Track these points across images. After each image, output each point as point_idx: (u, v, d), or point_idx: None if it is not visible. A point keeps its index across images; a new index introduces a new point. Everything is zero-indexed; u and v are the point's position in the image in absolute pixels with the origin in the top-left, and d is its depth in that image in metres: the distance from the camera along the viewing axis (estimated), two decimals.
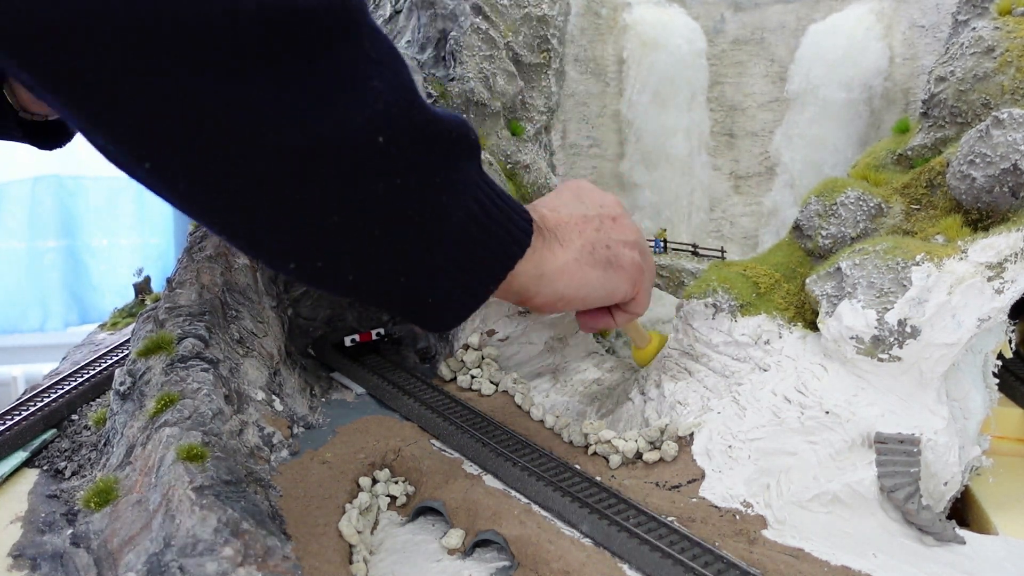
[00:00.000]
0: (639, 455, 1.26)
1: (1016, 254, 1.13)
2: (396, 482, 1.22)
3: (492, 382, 1.52)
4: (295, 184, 0.67)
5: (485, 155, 1.71)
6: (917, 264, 1.17)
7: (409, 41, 1.89)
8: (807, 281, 1.30)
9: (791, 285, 1.39)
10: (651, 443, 1.27)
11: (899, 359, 1.15)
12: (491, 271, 0.87)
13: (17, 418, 1.39)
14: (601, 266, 1.02)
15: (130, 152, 0.63)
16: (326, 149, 0.65)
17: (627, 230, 1.07)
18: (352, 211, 0.71)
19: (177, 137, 0.61)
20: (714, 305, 1.37)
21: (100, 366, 1.63)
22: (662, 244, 1.78)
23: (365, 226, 0.73)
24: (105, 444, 1.19)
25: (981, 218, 1.27)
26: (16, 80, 0.65)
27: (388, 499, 1.19)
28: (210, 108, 0.60)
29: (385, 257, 0.77)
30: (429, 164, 0.75)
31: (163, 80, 0.58)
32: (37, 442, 1.36)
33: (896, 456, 1.11)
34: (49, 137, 1.19)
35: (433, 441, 1.31)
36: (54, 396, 1.49)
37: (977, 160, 1.23)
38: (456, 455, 1.27)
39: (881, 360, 1.17)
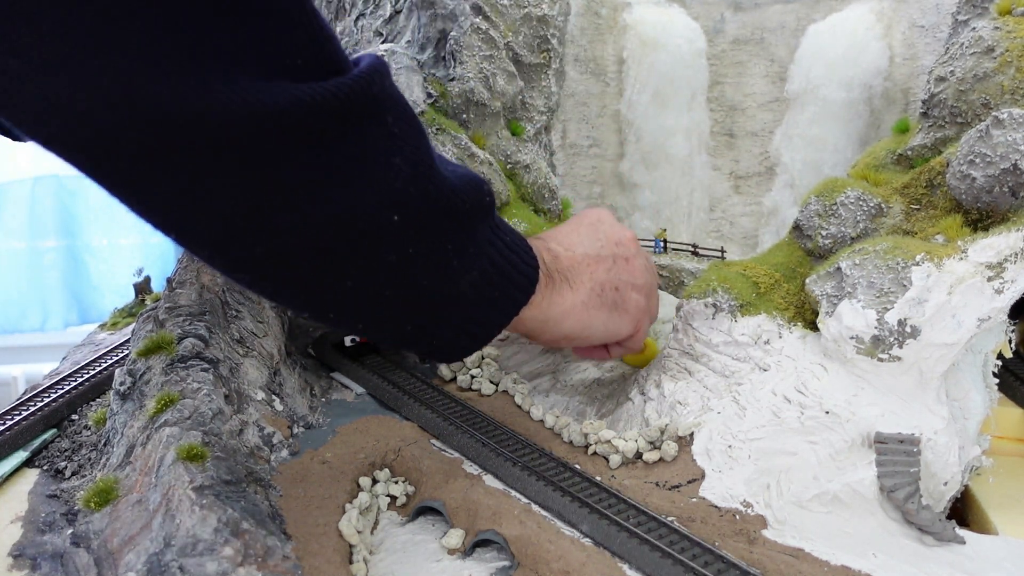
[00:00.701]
0: (639, 455, 1.26)
1: (1016, 254, 1.13)
2: (396, 482, 1.22)
3: (492, 382, 1.52)
4: (310, 255, 0.71)
5: (485, 155, 1.71)
6: (917, 264, 1.17)
7: (409, 41, 1.89)
8: (807, 281, 1.30)
9: (791, 285, 1.39)
10: (651, 443, 1.27)
11: (899, 359, 1.15)
12: (496, 319, 0.91)
13: (17, 418, 1.39)
14: (607, 308, 1.04)
15: (173, 229, 0.69)
16: (342, 225, 0.69)
17: (637, 272, 1.09)
18: (364, 278, 0.76)
19: (213, 214, 0.66)
20: (714, 305, 1.37)
21: (100, 366, 1.63)
22: (662, 244, 1.78)
23: (377, 290, 0.78)
24: (105, 444, 1.19)
25: (981, 218, 1.27)
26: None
27: (388, 499, 1.19)
28: (240, 192, 0.65)
29: (394, 313, 0.82)
30: (441, 234, 0.78)
31: (200, 173, 0.63)
32: (37, 442, 1.36)
33: (896, 456, 1.11)
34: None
35: (433, 441, 1.31)
36: (54, 396, 1.49)
37: (977, 160, 1.23)
38: (456, 455, 1.27)
39: (881, 360, 1.17)
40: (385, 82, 0.72)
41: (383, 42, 1.93)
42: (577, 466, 1.22)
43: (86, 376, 1.58)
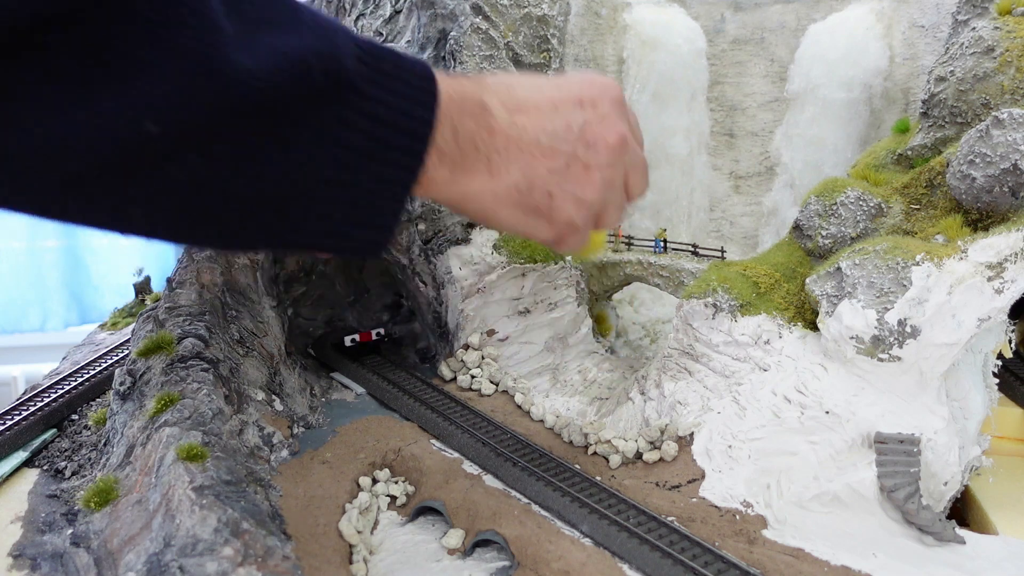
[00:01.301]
0: (639, 455, 1.27)
1: (1016, 254, 1.13)
2: (396, 482, 1.22)
3: (492, 382, 1.52)
4: (76, 182, 0.59)
5: None
6: (917, 264, 1.17)
7: (409, 41, 1.89)
8: (807, 281, 1.30)
9: (791, 285, 1.39)
10: (651, 443, 1.27)
11: (899, 359, 1.15)
12: (379, 206, 0.72)
13: (17, 418, 1.39)
14: (525, 211, 0.84)
15: None
16: (88, 148, 0.56)
17: (591, 187, 0.86)
18: (153, 198, 0.62)
19: None
20: (714, 305, 1.37)
21: (100, 366, 1.64)
22: (662, 244, 1.78)
23: (182, 205, 0.64)
24: (105, 444, 1.19)
25: (981, 218, 1.27)
26: None
27: (388, 499, 1.19)
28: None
29: (229, 225, 0.68)
30: (242, 136, 0.62)
31: None
32: (37, 442, 1.36)
33: (896, 456, 1.11)
34: None
35: (433, 441, 1.31)
36: (54, 396, 1.49)
37: (977, 160, 1.23)
38: (456, 455, 1.27)
39: (881, 360, 1.17)
40: None
41: (383, 42, 1.93)
42: (577, 466, 1.22)
43: (86, 376, 1.58)
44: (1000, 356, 1.24)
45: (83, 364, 1.65)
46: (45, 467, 1.29)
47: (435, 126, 0.74)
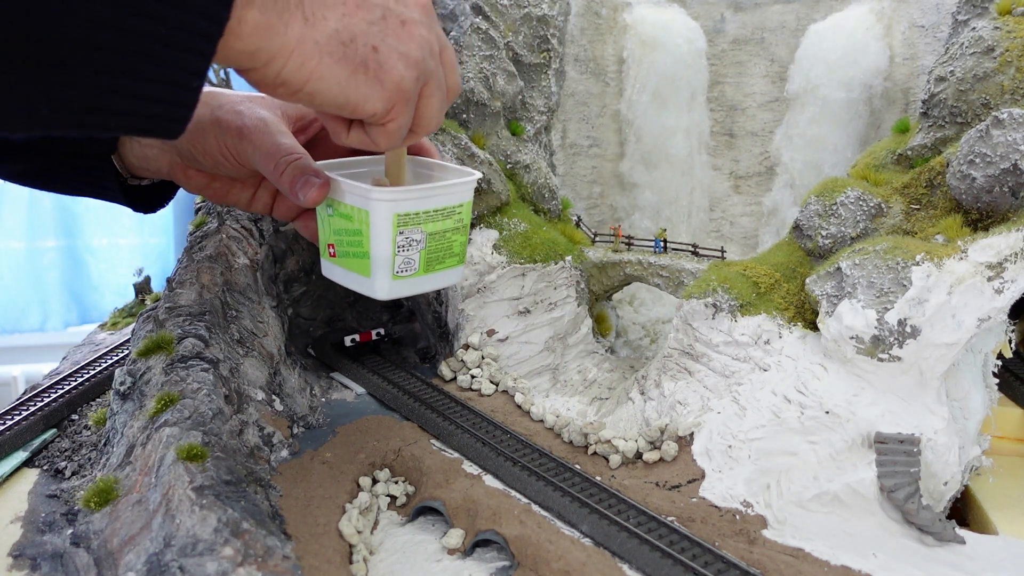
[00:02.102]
0: (639, 455, 1.27)
1: (1016, 254, 1.14)
2: (396, 482, 1.22)
3: (492, 382, 1.52)
4: None
5: (485, 155, 1.71)
6: (917, 264, 1.17)
7: None
8: (807, 281, 1.30)
9: (791, 285, 1.39)
10: (651, 443, 1.27)
11: (899, 359, 1.15)
12: (179, 62, 0.61)
13: (17, 418, 1.39)
14: (351, 65, 0.76)
15: None
16: None
17: (414, 42, 0.79)
18: None
19: None
20: (714, 305, 1.37)
21: (100, 366, 1.64)
22: (662, 244, 1.78)
23: None
24: (105, 444, 1.19)
25: (981, 218, 1.27)
26: None
27: (388, 499, 1.19)
28: None
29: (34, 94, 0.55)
30: None
31: None
32: (37, 442, 1.36)
33: (896, 456, 1.11)
34: (149, 201, 1.17)
35: (433, 441, 1.31)
36: (54, 396, 1.49)
37: (977, 160, 1.23)
38: (456, 455, 1.27)
39: (881, 360, 1.17)
40: None
41: None
42: (577, 466, 1.22)
43: (86, 376, 1.58)
44: (1000, 356, 1.25)
45: (83, 364, 1.65)
46: (45, 467, 1.29)
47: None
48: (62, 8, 0.54)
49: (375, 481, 1.21)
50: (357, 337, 1.68)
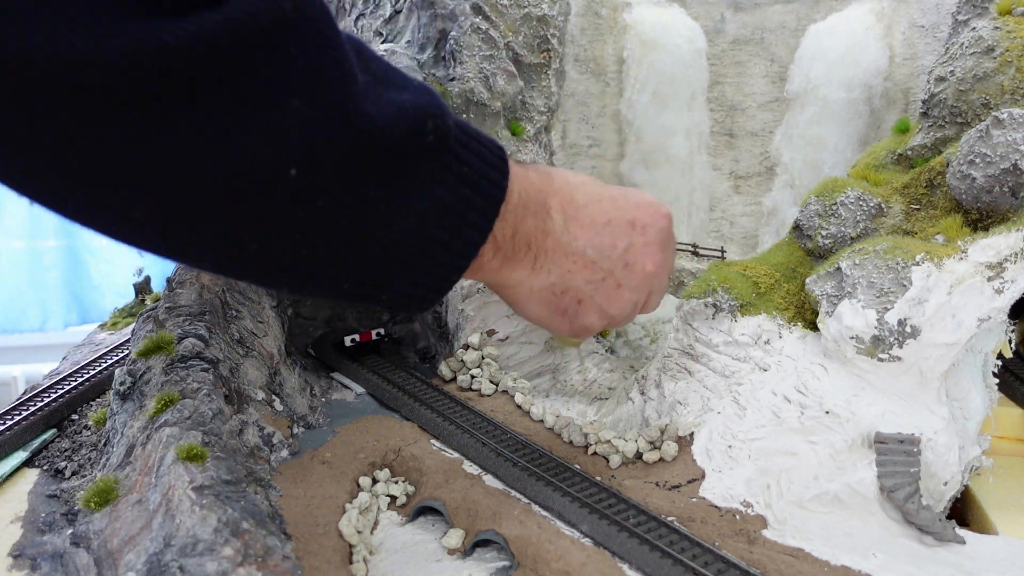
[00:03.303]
0: (639, 455, 1.27)
1: (1016, 254, 1.13)
2: (396, 482, 1.22)
3: (492, 382, 1.52)
4: (197, 218, 0.61)
5: None
6: (917, 264, 1.17)
7: (409, 41, 1.89)
8: (807, 281, 1.30)
9: (791, 285, 1.39)
10: (651, 443, 1.27)
11: (899, 359, 1.15)
12: (445, 268, 0.77)
13: (17, 418, 1.39)
14: (552, 309, 0.90)
15: (47, 192, 0.61)
16: (227, 184, 0.59)
17: (619, 303, 0.92)
18: (270, 239, 0.65)
19: (92, 175, 0.57)
20: (714, 305, 1.37)
21: (100, 366, 1.64)
22: None
23: (291, 249, 0.66)
24: (105, 444, 1.19)
25: (981, 218, 1.27)
26: None
27: (388, 499, 1.19)
28: (103, 150, 0.55)
29: (320, 270, 0.71)
30: (359, 183, 0.65)
31: (64, 124, 0.54)
32: (37, 442, 1.36)
33: (896, 456, 1.11)
34: None
35: (433, 441, 1.31)
36: (54, 396, 1.49)
37: (977, 160, 1.23)
38: (456, 455, 1.27)
39: (881, 360, 1.17)
40: (282, 5, 0.58)
41: (383, 42, 1.93)
42: (577, 466, 1.22)
43: (86, 376, 1.58)
44: (1000, 356, 1.24)
45: (83, 364, 1.65)
46: (45, 467, 1.29)
47: (506, 194, 0.78)
48: (389, 220, 0.71)
49: (375, 481, 1.21)
50: (357, 337, 1.68)
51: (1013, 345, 1.26)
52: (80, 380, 1.56)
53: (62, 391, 1.51)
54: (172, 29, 0.53)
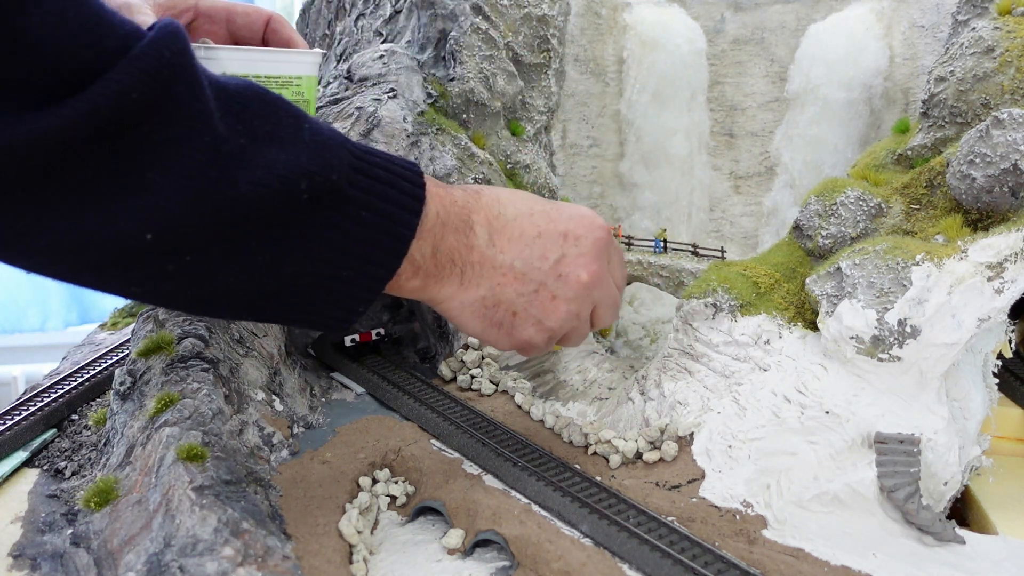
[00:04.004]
0: (639, 455, 1.27)
1: (1016, 254, 1.13)
2: (396, 482, 1.22)
3: (492, 382, 1.52)
4: (85, 272, 0.70)
5: (485, 155, 1.71)
6: (917, 264, 1.17)
7: (409, 41, 1.89)
8: (807, 281, 1.30)
9: (791, 285, 1.39)
10: (651, 443, 1.27)
11: (899, 359, 1.15)
12: (350, 300, 0.81)
13: (17, 418, 1.39)
14: (488, 322, 0.91)
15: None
16: (98, 247, 0.66)
17: (555, 315, 0.92)
18: (153, 288, 0.73)
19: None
20: (714, 305, 1.37)
21: (100, 366, 1.63)
22: (662, 244, 1.78)
23: (177, 295, 0.75)
24: (105, 444, 1.19)
25: (981, 218, 1.27)
26: None
27: (388, 499, 1.19)
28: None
29: (217, 308, 0.80)
30: (232, 240, 0.70)
31: None
32: (37, 442, 1.36)
33: (896, 456, 1.11)
34: None
35: (433, 441, 1.31)
36: (54, 396, 1.48)
37: (977, 160, 1.23)
38: (456, 455, 1.27)
39: (881, 360, 1.17)
40: (136, 87, 0.62)
41: (383, 42, 1.93)
42: (577, 466, 1.22)
43: (86, 376, 1.58)
44: (1000, 356, 1.24)
45: (83, 364, 1.65)
46: (45, 467, 1.29)
47: (416, 233, 0.80)
48: (284, 268, 0.76)
49: (375, 481, 1.21)
50: (357, 337, 1.68)
51: (1013, 345, 1.26)
52: (80, 380, 1.56)
53: (62, 391, 1.51)
54: (30, 121, 0.59)
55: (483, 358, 1.56)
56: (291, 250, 0.73)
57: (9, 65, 0.59)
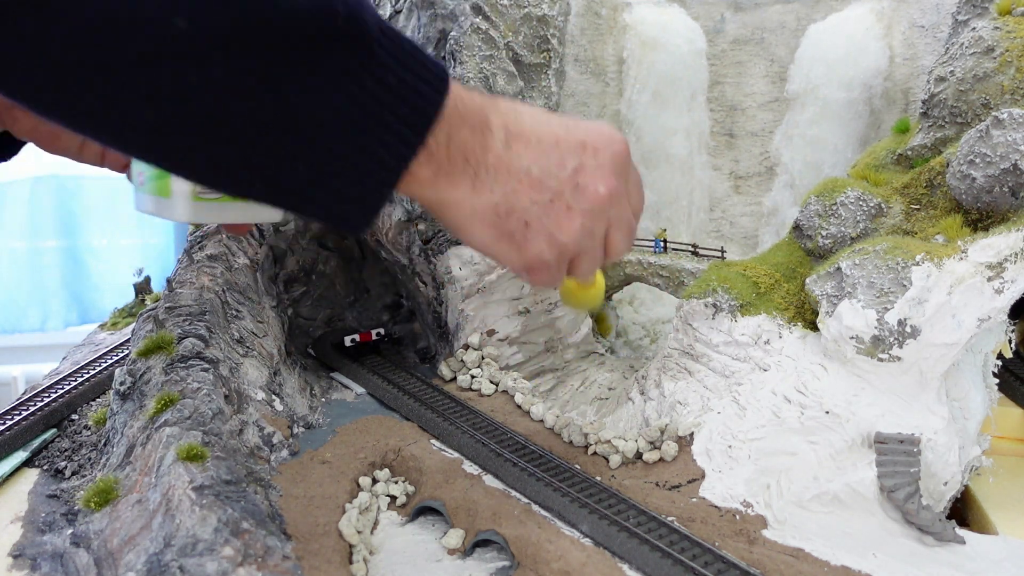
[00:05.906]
0: (639, 455, 1.27)
1: (1016, 254, 1.13)
2: (396, 482, 1.22)
3: (492, 382, 1.52)
4: (88, 73, 0.60)
5: None
6: (917, 264, 1.17)
7: None
8: (807, 281, 1.30)
9: (791, 285, 1.39)
10: (651, 443, 1.27)
11: (899, 359, 1.15)
12: (372, 172, 0.73)
13: (17, 418, 1.39)
14: (498, 232, 0.84)
15: None
16: (113, 31, 0.58)
17: (570, 230, 0.87)
18: (163, 106, 0.63)
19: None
20: (714, 305, 1.37)
21: (100, 366, 1.63)
22: (662, 244, 1.78)
23: (190, 122, 0.65)
24: (105, 444, 1.19)
25: (981, 218, 1.27)
26: None
27: (388, 499, 1.19)
28: None
29: (226, 156, 0.68)
30: (260, 56, 0.63)
31: None
32: (37, 442, 1.36)
33: (896, 456, 1.11)
34: None
35: (433, 441, 1.31)
36: (54, 396, 1.49)
37: (977, 160, 1.23)
38: (456, 455, 1.27)
39: (881, 360, 1.17)
40: None
41: None
42: (577, 466, 1.22)
43: (86, 376, 1.58)
44: (1000, 356, 1.24)
45: (83, 364, 1.65)
46: (45, 467, 1.29)
47: (440, 111, 0.73)
48: (302, 111, 0.67)
49: (375, 481, 1.21)
50: (357, 337, 1.68)
51: (1013, 345, 1.26)
52: (80, 380, 1.56)
53: (62, 391, 1.51)
54: None
55: (483, 358, 1.57)
56: (314, 89, 0.67)
57: None
